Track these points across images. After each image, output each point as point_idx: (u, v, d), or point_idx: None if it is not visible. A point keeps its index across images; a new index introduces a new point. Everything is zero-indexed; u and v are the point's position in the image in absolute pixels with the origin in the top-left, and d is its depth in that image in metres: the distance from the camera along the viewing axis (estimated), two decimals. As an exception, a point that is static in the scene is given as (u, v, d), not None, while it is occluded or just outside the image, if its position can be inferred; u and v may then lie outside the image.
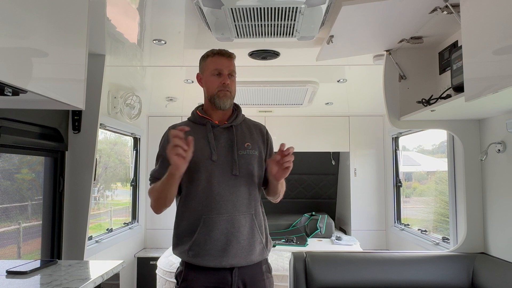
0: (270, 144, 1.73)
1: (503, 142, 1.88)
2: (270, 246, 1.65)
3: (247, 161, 1.59)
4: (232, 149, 1.58)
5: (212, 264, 1.50)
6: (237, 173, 1.55)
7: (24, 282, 1.44)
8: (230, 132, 1.62)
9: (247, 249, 1.53)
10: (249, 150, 1.61)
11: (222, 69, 1.59)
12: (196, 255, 1.51)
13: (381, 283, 2.02)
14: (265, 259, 1.63)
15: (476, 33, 1.33)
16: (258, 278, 1.57)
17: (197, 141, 1.56)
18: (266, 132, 1.74)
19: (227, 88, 1.59)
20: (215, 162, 1.55)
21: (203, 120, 1.63)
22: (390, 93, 2.16)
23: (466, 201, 2.09)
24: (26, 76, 1.21)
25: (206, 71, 1.63)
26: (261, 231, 1.60)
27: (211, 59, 1.62)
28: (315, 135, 4.20)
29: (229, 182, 1.54)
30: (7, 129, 1.85)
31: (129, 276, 3.61)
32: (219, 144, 1.58)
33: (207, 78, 1.62)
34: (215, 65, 1.60)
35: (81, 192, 2.36)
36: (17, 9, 1.16)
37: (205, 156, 1.55)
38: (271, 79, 3.02)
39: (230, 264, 1.51)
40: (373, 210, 4.05)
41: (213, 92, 1.60)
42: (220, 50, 1.63)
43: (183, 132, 1.38)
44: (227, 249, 1.50)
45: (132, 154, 3.86)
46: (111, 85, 2.98)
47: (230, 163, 1.56)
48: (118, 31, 2.05)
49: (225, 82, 1.58)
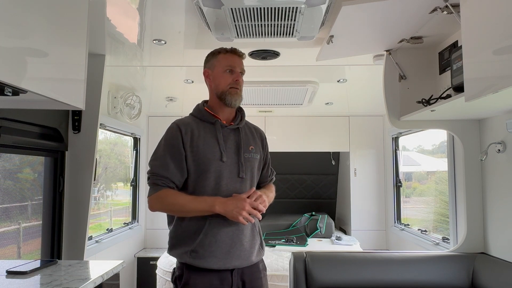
0: (267, 149, 1.75)
1: (503, 142, 1.88)
2: (264, 245, 1.68)
3: (252, 164, 1.61)
4: (238, 151, 1.58)
5: (216, 266, 1.49)
6: (243, 176, 1.56)
7: (24, 282, 1.44)
8: (236, 133, 1.61)
9: (249, 251, 1.55)
10: (253, 153, 1.62)
11: (235, 67, 1.59)
12: (200, 257, 1.49)
13: (381, 283, 2.02)
14: (261, 258, 1.66)
15: (476, 33, 1.33)
16: (256, 276, 1.59)
17: (207, 141, 1.55)
18: (265, 137, 1.76)
19: (238, 85, 1.59)
20: (224, 163, 1.54)
21: (212, 119, 1.60)
22: (390, 93, 2.16)
23: (466, 201, 2.09)
24: (26, 76, 1.21)
25: (217, 67, 1.61)
26: (259, 232, 1.63)
27: (224, 56, 1.61)
28: (315, 135, 4.20)
29: (235, 184, 1.55)
30: (7, 129, 1.85)
31: (129, 276, 3.61)
32: (227, 145, 1.57)
33: (218, 74, 1.60)
34: (228, 62, 1.59)
35: (81, 192, 2.36)
36: (17, 9, 1.16)
37: (215, 156, 1.53)
38: (271, 79, 3.02)
39: (233, 265, 1.51)
40: (373, 210, 4.05)
41: (224, 88, 1.58)
42: (233, 48, 1.64)
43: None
44: (231, 251, 1.50)
45: (132, 154, 3.86)
46: (111, 85, 2.98)
47: (237, 165, 1.56)
48: (118, 31, 2.04)
49: (238, 79, 1.58)
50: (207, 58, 1.67)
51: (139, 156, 3.88)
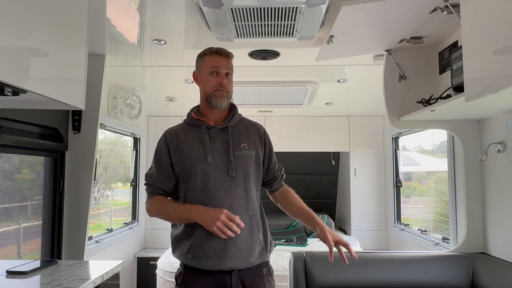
0: (269, 144, 1.70)
1: (503, 142, 1.88)
2: (271, 247, 1.63)
3: (244, 161, 1.57)
4: (227, 150, 1.56)
5: (210, 267, 1.49)
6: (233, 174, 1.53)
7: (24, 282, 1.44)
8: (225, 133, 1.59)
9: (246, 251, 1.51)
10: (245, 150, 1.58)
11: (220, 68, 1.56)
12: (194, 258, 1.50)
13: (381, 283, 2.02)
14: (265, 261, 1.60)
15: (476, 33, 1.33)
16: (258, 281, 1.54)
17: (192, 144, 1.55)
18: (264, 131, 1.70)
19: (224, 88, 1.56)
20: (210, 164, 1.52)
21: (198, 122, 1.60)
22: (390, 93, 2.16)
23: (466, 201, 2.09)
24: (26, 76, 1.21)
25: (203, 69, 1.60)
26: (260, 232, 1.57)
27: (209, 58, 1.59)
28: (315, 135, 4.20)
29: (225, 183, 1.52)
30: (7, 129, 1.85)
31: (129, 276, 3.61)
32: (214, 145, 1.56)
33: (204, 77, 1.59)
34: (212, 64, 1.57)
35: (81, 192, 2.36)
36: (17, 9, 1.16)
37: (200, 158, 1.53)
38: (271, 79, 3.02)
39: (228, 267, 1.49)
40: (373, 210, 4.05)
41: (209, 91, 1.57)
42: (218, 48, 1.60)
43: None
44: (225, 252, 1.48)
45: (132, 154, 3.87)
46: (111, 85, 2.98)
47: (226, 164, 1.54)
48: (118, 31, 2.04)
49: (222, 82, 1.56)
50: (196, 59, 1.66)
51: (139, 156, 3.88)
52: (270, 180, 1.70)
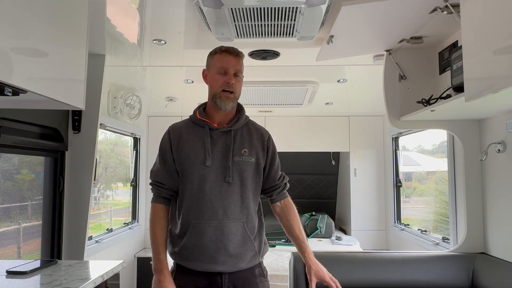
0: (272, 151, 1.67)
1: (503, 142, 1.88)
2: (265, 250, 1.62)
3: (242, 167, 1.54)
4: (227, 154, 1.53)
5: (200, 269, 1.49)
6: (230, 180, 1.51)
7: (24, 282, 1.44)
8: (228, 136, 1.57)
9: (237, 257, 1.50)
10: (245, 156, 1.55)
11: (228, 68, 1.54)
12: (185, 259, 1.51)
13: (381, 283, 2.02)
14: (258, 263, 1.59)
15: (476, 33, 1.33)
16: (251, 282, 1.54)
17: (194, 144, 1.54)
18: (268, 138, 1.67)
19: (231, 88, 1.54)
20: (208, 167, 1.51)
21: (202, 123, 1.59)
22: (390, 93, 2.16)
23: (466, 201, 2.09)
24: (26, 76, 1.21)
25: (212, 68, 1.58)
26: (254, 238, 1.55)
27: (218, 57, 1.57)
28: (315, 135, 4.20)
29: (221, 188, 1.51)
30: (7, 129, 1.85)
31: (129, 276, 3.61)
32: (215, 148, 1.54)
33: (212, 76, 1.57)
34: (221, 63, 1.55)
35: (81, 192, 2.36)
36: (17, 9, 1.16)
37: (199, 160, 1.52)
38: (271, 79, 3.02)
39: (218, 270, 1.49)
40: (373, 210, 4.05)
41: (216, 91, 1.55)
42: (228, 47, 1.58)
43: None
44: (215, 257, 1.47)
45: (132, 154, 3.87)
46: (111, 85, 2.98)
47: (224, 169, 1.52)
48: (118, 31, 2.04)
49: (229, 82, 1.53)
50: (207, 58, 1.64)
51: (139, 156, 3.88)
52: (270, 188, 1.67)
